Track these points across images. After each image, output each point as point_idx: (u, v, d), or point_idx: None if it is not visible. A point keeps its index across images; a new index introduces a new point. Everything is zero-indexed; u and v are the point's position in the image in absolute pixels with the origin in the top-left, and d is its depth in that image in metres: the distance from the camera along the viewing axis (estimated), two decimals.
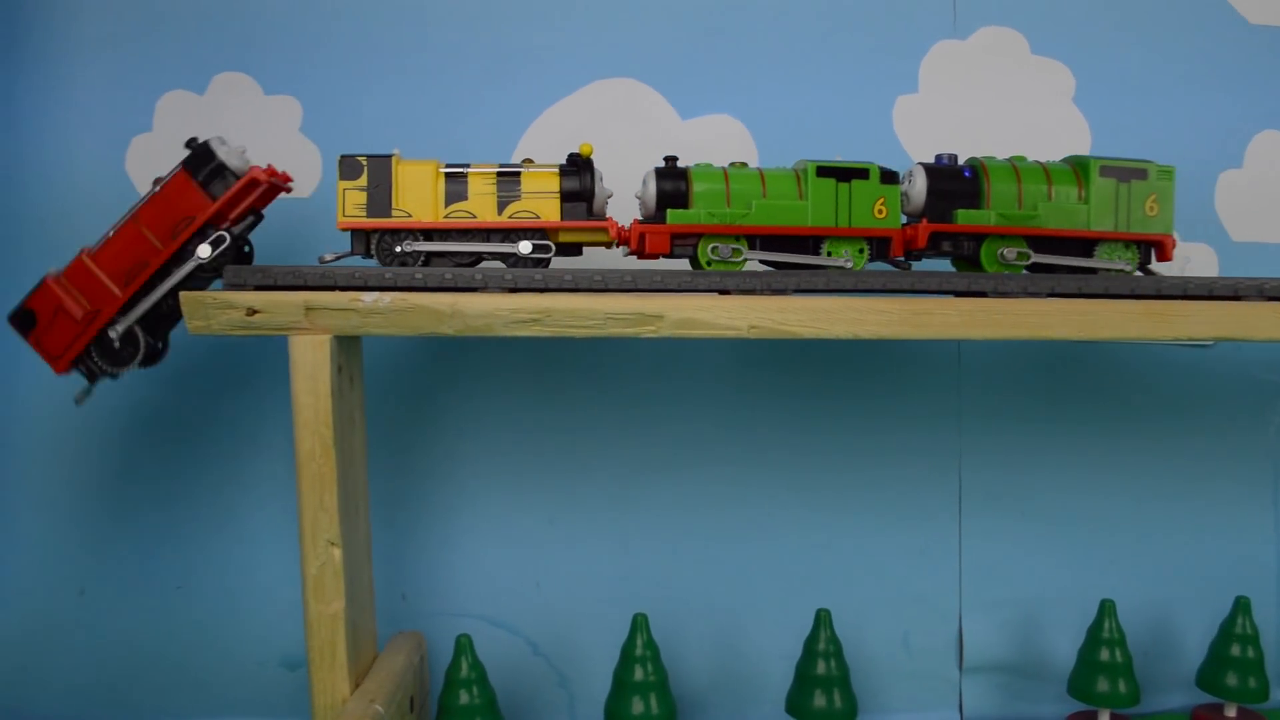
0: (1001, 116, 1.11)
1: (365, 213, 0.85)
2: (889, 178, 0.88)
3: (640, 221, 0.89)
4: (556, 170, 0.86)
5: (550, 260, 0.86)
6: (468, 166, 0.86)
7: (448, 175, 0.86)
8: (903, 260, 0.91)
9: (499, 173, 0.86)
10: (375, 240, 0.85)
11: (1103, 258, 0.91)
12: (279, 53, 1.04)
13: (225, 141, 0.84)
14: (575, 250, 0.89)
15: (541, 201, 0.86)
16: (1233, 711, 1.03)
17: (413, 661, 0.94)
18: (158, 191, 0.83)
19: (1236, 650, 1.01)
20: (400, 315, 0.80)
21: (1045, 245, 0.90)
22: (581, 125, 1.06)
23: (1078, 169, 0.91)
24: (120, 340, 0.85)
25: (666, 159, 0.88)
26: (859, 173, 0.87)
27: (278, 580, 1.05)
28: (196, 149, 0.84)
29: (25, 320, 0.84)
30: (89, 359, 0.86)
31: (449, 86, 1.06)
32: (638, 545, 1.08)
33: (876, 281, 0.86)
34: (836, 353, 1.10)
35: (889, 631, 1.11)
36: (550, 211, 0.86)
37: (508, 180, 0.86)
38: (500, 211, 0.85)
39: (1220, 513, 1.15)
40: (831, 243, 0.87)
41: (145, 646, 1.05)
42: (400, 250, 0.85)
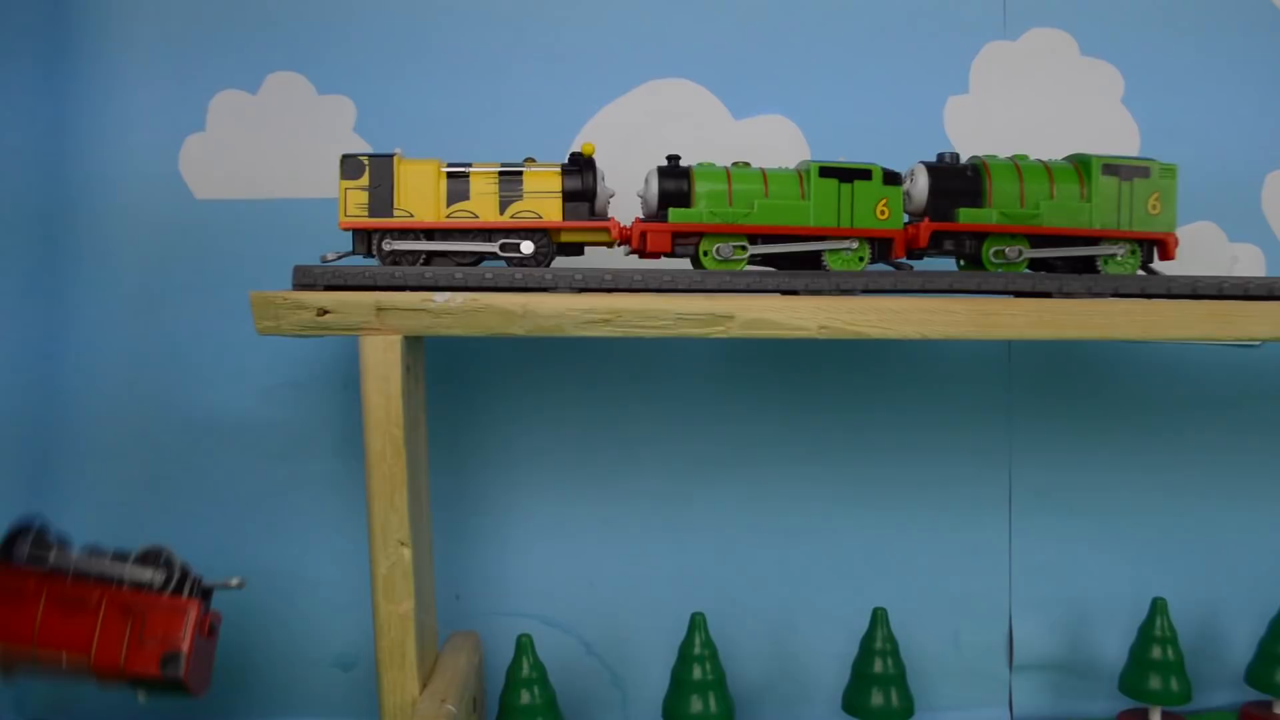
0: (1051, 117, 1.11)
1: (367, 212, 0.84)
2: (891, 179, 0.88)
3: (642, 220, 0.88)
4: (558, 170, 0.86)
5: (552, 259, 0.86)
6: (469, 166, 0.85)
7: (449, 175, 0.85)
8: (904, 261, 0.90)
9: (501, 172, 0.85)
10: (377, 240, 0.85)
11: (1104, 262, 0.90)
12: (332, 52, 1.04)
13: None
14: (577, 250, 0.89)
15: (543, 201, 0.85)
16: None
17: (473, 661, 0.95)
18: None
19: None
20: (471, 315, 0.80)
21: (1047, 245, 0.90)
22: (635, 125, 1.06)
23: (1080, 167, 0.91)
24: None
25: (669, 158, 0.88)
26: (861, 173, 0.87)
27: (329, 581, 1.05)
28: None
29: None
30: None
31: (503, 86, 1.06)
32: (691, 545, 1.08)
33: (943, 282, 0.86)
34: (887, 352, 1.10)
35: (939, 630, 1.11)
36: (552, 211, 0.85)
37: (510, 180, 0.85)
38: (502, 211, 0.85)
39: (1270, 510, 1.15)
40: (831, 254, 0.87)
41: None
42: (387, 249, 0.84)
